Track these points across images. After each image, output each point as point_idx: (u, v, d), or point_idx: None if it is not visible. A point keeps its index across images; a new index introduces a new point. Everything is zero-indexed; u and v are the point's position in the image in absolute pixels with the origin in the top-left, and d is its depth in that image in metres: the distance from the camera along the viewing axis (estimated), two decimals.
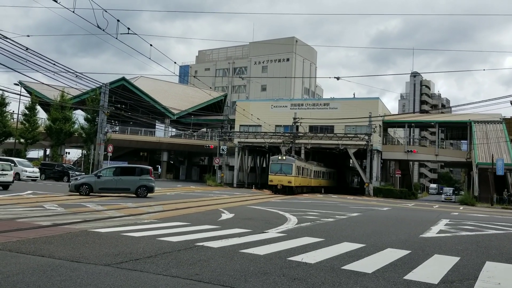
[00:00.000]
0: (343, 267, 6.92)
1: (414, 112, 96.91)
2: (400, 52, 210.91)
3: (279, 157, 40.54)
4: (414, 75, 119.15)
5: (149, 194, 22.86)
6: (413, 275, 6.67)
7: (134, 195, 22.36)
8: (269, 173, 40.52)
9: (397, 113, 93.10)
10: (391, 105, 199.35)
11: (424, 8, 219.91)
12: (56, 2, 16.02)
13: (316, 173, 49.42)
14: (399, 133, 66.57)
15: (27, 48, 20.37)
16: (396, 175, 55.52)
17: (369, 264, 7.32)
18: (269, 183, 39.91)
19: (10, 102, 51.42)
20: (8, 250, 6.93)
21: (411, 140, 64.68)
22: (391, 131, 61.89)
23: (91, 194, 21.72)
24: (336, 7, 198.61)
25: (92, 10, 16.28)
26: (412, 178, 74.22)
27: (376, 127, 48.94)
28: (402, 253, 8.76)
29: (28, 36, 18.15)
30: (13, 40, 19.42)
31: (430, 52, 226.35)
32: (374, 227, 13.75)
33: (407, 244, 10.11)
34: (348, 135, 47.93)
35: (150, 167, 24.27)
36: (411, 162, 68.58)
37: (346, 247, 9.10)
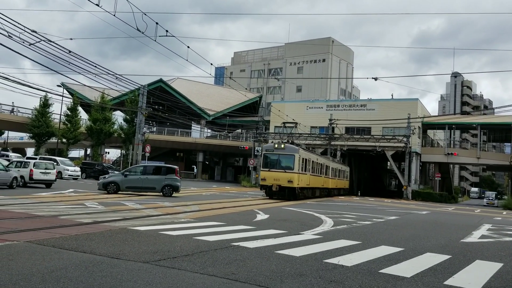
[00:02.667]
0: (381, 271, 6.80)
1: (454, 114, 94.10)
2: (442, 52, 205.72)
3: (276, 145, 26.88)
4: (455, 75, 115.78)
5: (175, 194, 23.09)
6: (454, 281, 6.48)
7: (160, 194, 22.64)
8: (261, 168, 27.28)
9: (437, 114, 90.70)
10: (432, 106, 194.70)
11: (468, 7, 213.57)
12: (98, 5, 16.49)
13: (335, 171, 39.82)
14: (439, 135, 64.84)
15: (69, 51, 21.06)
16: (436, 178, 54.07)
17: (407, 268, 7.16)
18: (261, 182, 26.83)
19: (53, 103, 53.42)
20: (52, 246, 7.18)
21: (452, 142, 62.79)
22: (430, 133, 60.39)
23: (118, 192, 22.18)
24: (376, 7, 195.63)
25: (132, 13, 16.69)
26: (452, 181, 72.04)
27: (415, 128, 47.85)
28: (442, 257, 8.52)
29: (71, 39, 18.89)
30: (57, 44, 20.15)
31: (474, 52, 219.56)
32: (413, 231, 13.44)
33: (447, 249, 9.83)
34: (385, 137, 47.04)
35: (176, 167, 24.52)
36: (451, 165, 66.57)
37: (384, 250, 8.93)
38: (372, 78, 28.07)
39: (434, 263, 7.83)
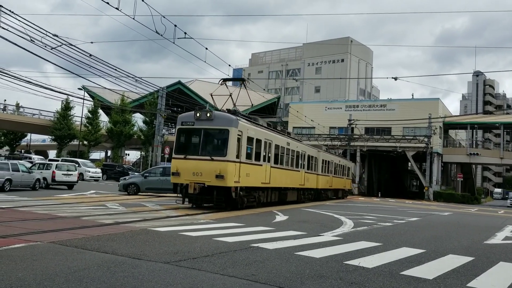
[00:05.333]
0: (402, 273, 6.72)
1: (477, 113, 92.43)
2: (466, 51, 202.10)
3: (198, 113, 15.89)
4: (477, 74, 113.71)
5: None
6: (477, 283, 6.36)
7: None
8: (173, 155, 16.38)
9: (458, 114, 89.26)
10: (454, 106, 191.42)
11: (493, 5, 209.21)
12: (118, 9, 16.71)
13: (328, 165, 29.91)
14: (460, 135, 63.78)
15: (90, 55, 21.39)
16: (458, 179, 53.20)
17: (430, 270, 7.06)
18: (172, 178, 15.96)
19: (75, 106, 54.43)
20: (74, 246, 7.29)
21: (474, 142, 61.70)
22: (452, 133, 59.46)
23: (138, 193, 22.40)
24: (398, 6, 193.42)
25: (151, 16, 16.85)
26: (475, 182, 70.86)
27: (436, 128, 47.18)
28: (465, 259, 8.38)
29: (91, 42, 19.15)
30: (78, 47, 20.48)
31: (498, 50, 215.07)
32: (435, 232, 13.24)
33: (470, 251, 9.65)
34: (406, 137, 46.55)
35: None
36: (473, 166, 65.43)
37: (405, 252, 8.82)
38: (392, 78, 27.79)
39: (457, 265, 7.70)
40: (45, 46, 19.09)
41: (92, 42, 20.34)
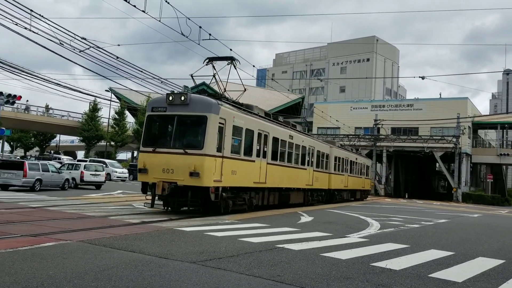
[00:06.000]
0: (430, 275, 6.60)
1: (507, 113, 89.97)
2: (496, 49, 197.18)
3: (171, 97, 13.22)
4: (507, 72, 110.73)
5: None
6: (508, 286, 6.22)
7: None
8: (140, 148, 13.97)
9: (488, 113, 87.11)
10: (484, 105, 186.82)
11: None
12: (144, 12, 16.96)
13: (341, 163, 26.96)
14: (490, 135, 62.22)
15: (117, 57, 21.78)
16: (488, 180, 51.89)
17: (459, 273, 6.91)
18: (139, 176, 13.44)
19: (102, 108, 55.44)
20: (103, 245, 7.43)
21: (504, 142, 60.03)
22: (481, 133, 58.07)
23: None
24: (426, 5, 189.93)
25: (177, 18, 17.04)
26: (505, 183, 68.87)
27: (464, 128, 46.18)
28: (495, 262, 8.17)
29: (118, 45, 19.54)
30: (105, 50, 20.88)
31: None
32: (464, 235, 12.96)
33: (501, 253, 9.42)
34: (434, 137, 45.72)
35: None
36: (504, 166, 63.66)
37: (434, 254, 8.66)
38: (419, 77, 27.37)
39: (487, 268, 7.52)
40: (74, 49, 19.54)
41: (119, 45, 20.79)
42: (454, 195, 45.29)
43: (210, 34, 20.57)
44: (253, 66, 29.27)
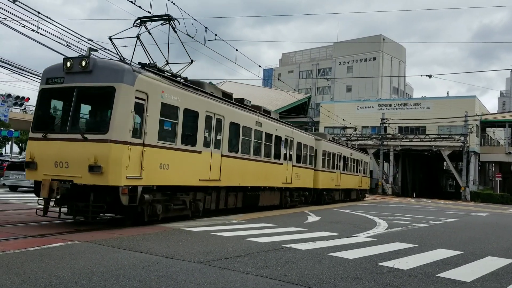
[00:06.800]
0: (438, 275, 6.56)
1: None
2: (504, 47, 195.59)
3: (68, 63, 9.77)
4: None
5: None
6: None
7: None
8: (30, 133, 10.19)
9: (496, 112, 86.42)
10: (492, 103, 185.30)
11: None
12: (149, 12, 17.01)
13: (336, 158, 24.68)
14: (499, 134, 61.73)
15: (124, 59, 21.81)
16: (496, 179, 51.50)
17: (467, 273, 6.87)
18: (27, 175, 9.98)
19: None
20: (111, 246, 7.47)
21: None
22: (489, 131, 57.64)
23: None
24: (433, 3, 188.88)
25: (183, 19, 17.06)
26: None
27: (472, 127, 45.88)
28: (505, 262, 8.11)
29: (125, 46, 19.61)
30: (110, 51, 20.94)
31: None
32: (472, 234, 12.88)
33: (510, 253, 9.35)
34: (441, 136, 45.47)
35: None
36: None
37: (442, 254, 8.61)
38: (426, 75, 27.21)
39: (496, 268, 7.47)
40: (81, 51, 19.63)
41: (125, 46, 20.77)
42: (462, 194, 45.02)
43: (216, 35, 20.60)
44: (259, 66, 29.25)
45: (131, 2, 15.41)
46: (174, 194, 11.20)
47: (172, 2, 15.46)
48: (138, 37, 11.72)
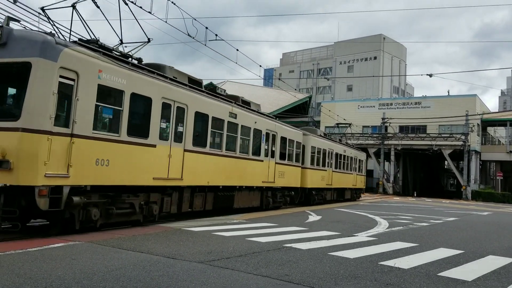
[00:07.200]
0: (439, 274, 6.55)
1: None
2: (506, 46, 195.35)
3: None
4: None
5: None
6: None
7: None
8: None
9: (497, 110, 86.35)
10: (493, 102, 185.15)
11: None
12: (150, 13, 17.02)
13: (327, 156, 23.43)
14: (500, 132, 61.70)
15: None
16: (497, 178, 51.46)
17: (468, 272, 6.86)
18: None
19: None
20: (111, 246, 7.47)
21: None
22: (490, 130, 57.60)
23: None
24: (434, 2, 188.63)
25: (183, 19, 17.08)
26: None
27: (473, 126, 45.86)
28: (506, 261, 8.10)
29: (125, 46, 19.67)
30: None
31: None
32: (473, 233, 12.87)
33: (511, 252, 9.34)
34: (442, 135, 45.47)
35: None
36: None
37: (443, 253, 8.61)
38: (427, 74, 27.22)
39: (497, 267, 7.46)
40: None
41: (125, 46, 20.78)
42: (464, 193, 44.98)
43: (216, 35, 20.59)
44: (260, 66, 29.24)
45: (132, 2, 15.41)
46: (118, 196, 9.45)
47: (172, 2, 15.46)
48: (74, 6, 9.79)
